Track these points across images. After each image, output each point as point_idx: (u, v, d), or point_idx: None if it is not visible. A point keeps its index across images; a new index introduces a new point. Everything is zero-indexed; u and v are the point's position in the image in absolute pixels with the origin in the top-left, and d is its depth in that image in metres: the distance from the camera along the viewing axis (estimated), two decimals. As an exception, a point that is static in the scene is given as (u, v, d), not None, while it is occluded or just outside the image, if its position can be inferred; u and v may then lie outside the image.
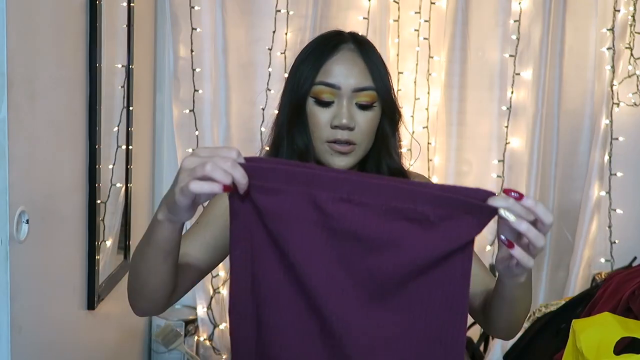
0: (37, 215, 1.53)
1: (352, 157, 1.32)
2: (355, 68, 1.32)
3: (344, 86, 1.30)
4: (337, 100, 1.31)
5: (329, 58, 1.32)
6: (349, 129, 1.30)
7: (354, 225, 0.98)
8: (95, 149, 1.96)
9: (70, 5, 1.81)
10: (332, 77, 1.31)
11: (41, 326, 1.62)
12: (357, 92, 1.31)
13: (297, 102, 1.32)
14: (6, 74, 1.33)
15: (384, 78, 1.36)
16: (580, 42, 3.14)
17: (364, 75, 1.32)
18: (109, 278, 2.17)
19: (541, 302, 3.16)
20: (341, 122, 1.29)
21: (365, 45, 1.36)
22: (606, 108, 3.12)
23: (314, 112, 1.31)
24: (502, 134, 3.12)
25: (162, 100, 2.97)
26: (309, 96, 1.32)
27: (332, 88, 1.30)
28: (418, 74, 3.05)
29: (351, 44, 1.35)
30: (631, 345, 1.74)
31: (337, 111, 1.30)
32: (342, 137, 1.30)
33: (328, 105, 1.31)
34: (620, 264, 3.11)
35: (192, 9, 2.86)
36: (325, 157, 1.32)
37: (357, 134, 1.31)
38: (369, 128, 1.33)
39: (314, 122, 1.31)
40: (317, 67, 1.32)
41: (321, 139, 1.31)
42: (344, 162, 1.32)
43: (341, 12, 2.99)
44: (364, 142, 1.33)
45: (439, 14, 3.05)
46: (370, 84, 1.32)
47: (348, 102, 1.31)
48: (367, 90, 1.32)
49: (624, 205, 3.20)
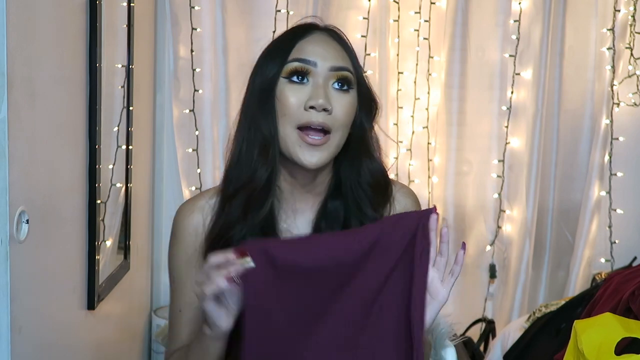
0: (37, 215, 1.52)
1: (325, 151, 1.20)
2: (330, 48, 1.23)
3: (320, 64, 1.20)
4: (312, 79, 1.20)
5: (302, 38, 1.23)
6: (325, 111, 1.18)
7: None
8: (95, 149, 1.95)
9: (70, 5, 1.81)
10: (307, 54, 1.21)
11: (41, 326, 1.62)
12: (334, 72, 1.21)
13: (266, 85, 1.21)
14: (6, 74, 1.33)
15: (358, 67, 1.27)
16: (580, 42, 3.14)
17: (341, 56, 1.23)
18: (109, 278, 2.17)
19: (541, 302, 3.17)
20: (317, 102, 1.17)
21: (339, 34, 1.29)
22: (606, 108, 3.12)
23: (285, 92, 1.19)
24: (502, 134, 3.12)
25: (162, 100, 2.97)
26: (280, 77, 1.21)
27: (307, 65, 1.19)
28: (418, 74, 3.05)
29: (324, 31, 1.28)
30: (631, 346, 1.74)
31: (312, 91, 1.19)
32: (316, 120, 1.17)
33: (301, 84, 1.19)
34: (620, 264, 3.11)
35: (192, 9, 2.86)
36: (295, 150, 1.19)
37: (333, 119, 1.19)
38: (346, 114, 1.21)
39: (285, 104, 1.19)
40: (290, 47, 1.22)
41: (292, 123, 1.19)
42: (315, 157, 1.19)
43: (341, 12, 2.99)
44: (339, 132, 1.21)
45: (439, 14, 3.05)
46: (347, 66, 1.23)
47: (324, 83, 1.20)
48: (344, 70, 1.21)
49: (624, 205, 3.20)
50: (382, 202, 1.31)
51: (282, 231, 1.27)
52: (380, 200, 1.30)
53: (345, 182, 1.28)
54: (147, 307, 2.91)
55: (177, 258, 1.30)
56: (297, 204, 1.28)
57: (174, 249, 1.30)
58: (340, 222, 1.28)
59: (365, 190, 1.27)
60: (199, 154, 2.94)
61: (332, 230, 1.26)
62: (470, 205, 3.19)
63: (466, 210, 3.19)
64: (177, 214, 1.30)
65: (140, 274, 2.77)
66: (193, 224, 1.28)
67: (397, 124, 3.05)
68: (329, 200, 1.28)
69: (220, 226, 1.24)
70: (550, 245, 3.25)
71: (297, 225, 1.29)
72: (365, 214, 1.27)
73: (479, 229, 3.20)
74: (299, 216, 1.29)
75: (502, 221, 3.16)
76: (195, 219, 1.28)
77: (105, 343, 2.28)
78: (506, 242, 3.18)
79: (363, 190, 1.27)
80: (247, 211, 1.23)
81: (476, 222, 3.19)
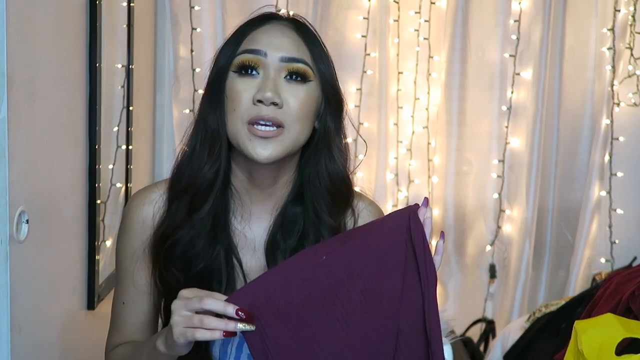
0: (37, 215, 1.52)
1: (279, 144, 1.11)
2: (284, 37, 1.15)
3: (270, 54, 1.12)
4: (262, 72, 1.13)
5: (254, 29, 1.16)
6: (274, 105, 1.10)
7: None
8: (95, 149, 1.95)
9: (70, 5, 1.81)
10: (257, 44, 1.13)
11: (41, 326, 1.62)
12: (286, 63, 1.13)
13: (216, 79, 1.16)
14: (6, 74, 1.33)
15: (324, 60, 1.18)
16: (581, 42, 3.14)
17: (296, 47, 1.15)
18: (109, 278, 2.17)
19: (541, 302, 3.16)
20: (264, 95, 1.10)
21: (302, 24, 1.20)
22: (606, 108, 3.12)
23: (234, 86, 1.13)
24: (502, 134, 3.12)
25: (162, 100, 2.97)
26: (229, 70, 1.15)
27: (256, 55, 1.12)
28: (418, 74, 3.05)
29: (284, 21, 1.19)
30: (632, 346, 1.74)
31: (261, 83, 1.11)
32: (266, 114, 1.10)
33: (251, 76, 1.13)
34: (620, 264, 3.11)
35: (192, 9, 2.86)
36: (245, 144, 1.12)
37: (284, 114, 1.11)
38: (300, 108, 1.12)
39: (234, 99, 1.12)
40: (241, 39, 1.15)
41: (242, 119, 1.12)
42: (267, 150, 1.11)
43: (341, 12, 2.99)
44: (294, 125, 1.12)
45: (439, 14, 3.05)
46: (303, 57, 1.14)
47: (275, 75, 1.12)
48: (297, 62, 1.13)
49: (624, 205, 3.20)
50: (340, 209, 1.22)
51: (235, 232, 1.21)
52: (339, 208, 1.22)
53: (305, 183, 1.21)
54: (147, 307, 2.91)
55: (124, 248, 1.25)
56: (254, 206, 1.22)
57: (121, 239, 1.26)
58: (299, 231, 1.20)
59: (323, 194, 1.20)
60: (199, 154, 2.93)
61: (287, 242, 1.20)
62: (470, 205, 3.19)
63: (466, 210, 3.19)
64: (128, 204, 1.26)
65: (140, 274, 2.77)
66: (142, 216, 1.23)
67: (397, 124, 3.05)
68: (289, 206, 1.21)
69: (165, 226, 1.20)
70: (550, 245, 3.24)
71: (251, 229, 1.22)
72: (323, 221, 1.19)
73: (479, 229, 3.19)
74: (255, 220, 1.22)
75: (502, 221, 3.16)
76: (145, 211, 1.22)
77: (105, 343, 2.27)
78: (506, 242, 3.18)
79: (321, 193, 1.20)
80: (191, 212, 1.18)
81: (476, 222, 3.19)
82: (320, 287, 1.06)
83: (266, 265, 1.21)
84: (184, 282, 1.17)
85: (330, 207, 1.21)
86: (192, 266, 1.18)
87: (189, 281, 1.17)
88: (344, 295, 1.07)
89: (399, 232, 1.09)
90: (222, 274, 1.18)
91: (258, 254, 1.22)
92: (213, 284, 1.18)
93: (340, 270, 1.07)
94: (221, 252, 1.18)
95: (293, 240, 1.20)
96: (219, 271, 1.18)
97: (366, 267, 1.08)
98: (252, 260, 1.22)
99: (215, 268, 1.18)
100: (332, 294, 1.07)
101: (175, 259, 1.19)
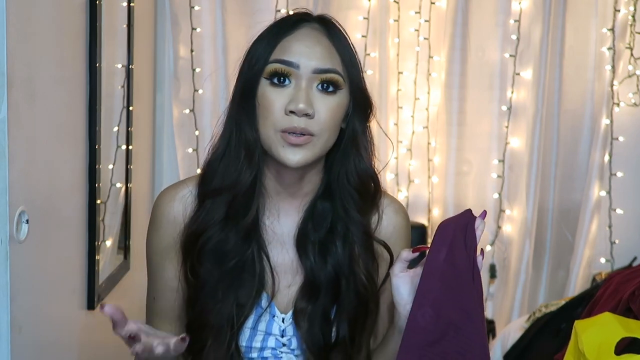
0: (37, 215, 1.52)
1: (309, 150, 1.15)
2: (317, 46, 1.16)
3: (303, 65, 1.14)
4: (294, 81, 1.14)
5: (287, 35, 1.17)
6: (306, 116, 1.13)
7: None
8: (95, 149, 1.95)
9: (70, 5, 1.81)
10: (290, 54, 1.15)
11: (41, 326, 1.62)
12: (318, 74, 1.14)
13: (248, 85, 1.17)
14: (6, 74, 1.33)
15: (354, 64, 1.20)
16: (580, 42, 3.14)
17: (329, 56, 1.16)
18: (108, 278, 2.17)
19: (541, 302, 3.16)
20: (297, 106, 1.12)
21: (333, 26, 1.21)
22: (606, 108, 3.12)
23: (266, 95, 1.15)
24: (502, 134, 3.12)
25: (162, 100, 2.97)
26: (261, 77, 1.16)
27: (289, 67, 1.14)
28: (418, 74, 3.05)
29: (315, 24, 1.20)
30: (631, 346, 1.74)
31: (293, 94, 1.13)
32: (298, 126, 1.13)
33: (283, 86, 1.14)
34: (620, 264, 3.11)
35: (192, 9, 2.86)
36: (277, 149, 1.15)
37: (315, 123, 1.14)
38: (331, 117, 1.15)
39: (266, 107, 1.15)
40: (273, 45, 1.16)
41: (274, 127, 1.14)
42: (297, 156, 1.14)
43: (341, 12, 2.99)
44: (324, 133, 1.15)
45: (439, 14, 3.05)
46: (336, 67, 1.16)
47: (307, 85, 1.14)
48: (330, 72, 1.15)
49: (624, 205, 3.20)
50: (368, 207, 1.27)
51: (264, 228, 1.25)
52: (368, 205, 1.27)
53: (334, 182, 1.25)
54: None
55: (154, 244, 1.29)
56: (282, 204, 1.26)
57: (151, 235, 1.30)
58: (328, 224, 1.25)
59: (351, 192, 1.24)
60: (199, 154, 2.93)
61: (316, 234, 1.24)
62: (470, 205, 3.19)
63: (466, 210, 3.19)
64: (158, 201, 1.28)
65: (140, 274, 2.76)
66: (173, 212, 1.26)
67: (397, 124, 3.05)
68: (318, 201, 1.26)
69: (199, 222, 1.23)
70: (550, 245, 3.24)
71: (280, 224, 1.27)
72: (352, 218, 1.24)
73: (479, 229, 3.19)
74: (283, 215, 1.27)
75: (502, 221, 3.16)
76: (175, 208, 1.26)
77: (105, 343, 2.27)
78: (506, 242, 3.18)
79: (349, 191, 1.24)
80: (230, 213, 1.21)
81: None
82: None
83: (296, 257, 1.26)
84: (217, 276, 1.21)
85: (359, 205, 1.25)
86: (226, 261, 1.22)
87: (222, 275, 1.21)
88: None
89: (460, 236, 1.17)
90: (254, 268, 1.22)
91: (287, 247, 1.27)
92: (245, 278, 1.22)
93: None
94: (254, 249, 1.23)
95: (322, 233, 1.25)
96: (251, 266, 1.23)
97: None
98: (281, 254, 1.26)
99: (248, 263, 1.22)
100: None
101: (208, 254, 1.22)
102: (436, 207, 3.16)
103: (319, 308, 1.23)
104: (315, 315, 1.23)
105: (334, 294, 1.24)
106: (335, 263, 1.24)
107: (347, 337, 1.23)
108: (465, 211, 1.20)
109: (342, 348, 1.24)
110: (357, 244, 1.24)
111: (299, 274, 1.26)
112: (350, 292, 1.23)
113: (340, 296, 1.24)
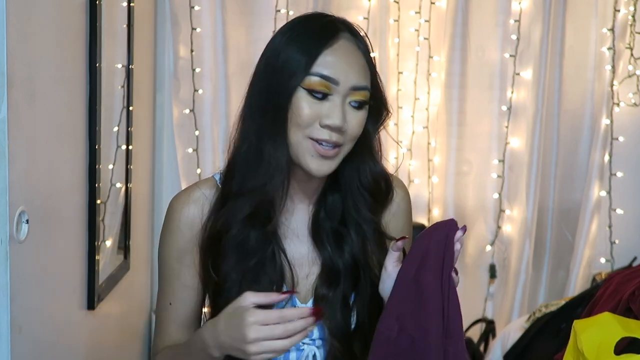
0: (37, 215, 1.53)
1: (334, 161, 1.21)
2: (356, 64, 1.20)
3: (342, 82, 1.17)
4: (332, 96, 1.18)
5: (327, 47, 1.19)
6: (339, 131, 1.18)
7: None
8: (95, 149, 1.96)
9: (70, 5, 1.81)
10: (332, 70, 1.17)
11: (41, 326, 1.62)
12: (353, 91, 1.19)
13: (284, 93, 1.18)
14: (6, 74, 1.33)
15: (376, 73, 1.26)
16: (580, 42, 3.14)
17: (364, 73, 1.21)
18: (109, 278, 2.17)
19: (541, 302, 3.17)
20: (334, 122, 1.16)
21: (362, 39, 1.25)
22: (606, 108, 3.12)
23: (302, 105, 1.17)
24: (502, 134, 3.12)
25: (162, 100, 2.97)
26: (299, 86, 1.17)
27: (330, 82, 1.17)
28: (418, 74, 3.05)
29: (347, 34, 1.23)
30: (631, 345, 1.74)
31: (330, 109, 1.17)
32: (330, 139, 1.17)
33: (322, 100, 1.17)
34: (620, 264, 3.11)
35: (192, 9, 2.86)
36: (305, 158, 1.19)
37: (344, 136, 1.19)
38: (358, 129, 1.21)
39: (300, 114, 1.17)
40: (314, 56, 1.18)
41: (305, 135, 1.18)
42: (325, 166, 1.20)
43: (341, 12, 2.97)
44: (349, 144, 1.21)
45: (439, 14, 3.05)
46: (367, 84, 1.21)
47: (342, 101, 1.18)
48: (364, 90, 1.20)
49: (624, 205, 3.20)
50: (380, 207, 1.32)
51: (281, 224, 1.28)
52: (379, 206, 1.32)
53: (345, 181, 1.28)
54: (147, 307, 2.91)
55: (169, 248, 1.29)
56: (295, 196, 1.29)
57: (166, 239, 1.29)
58: (339, 215, 1.29)
59: (364, 194, 1.28)
60: (199, 154, 2.94)
61: (330, 223, 1.29)
62: (470, 205, 3.19)
63: (466, 210, 3.19)
64: (172, 205, 1.29)
65: (140, 274, 2.77)
66: (189, 215, 1.27)
67: (397, 124, 3.05)
68: (328, 193, 1.30)
69: (222, 222, 1.24)
70: (550, 245, 3.24)
71: (294, 219, 1.30)
72: (362, 215, 1.28)
73: (479, 229, 3.20)
74: (296, 210, 1.30)
75: (502, 221, 3.16)
76: (191, 211, 1.27)
77: (105, 343, 2.28)
78: (506, 242, 3.18)
79: (361, 193, 1.28)
80: (253, 214, 1.23)
81: (476, 222, 3.19)
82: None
83: (311, 249, 1.30)
84: (240, 272, 1.23)
85: (371, 205, 1.29)
86: (247, 259, 1.24)
87: (244, 272, 1.23)
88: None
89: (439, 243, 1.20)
90: (274, 264, 1.25)
91: (302, 240, 1.30)
92: (267, 274, 1.24)
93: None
94: (274, 246, 1.26)
95: (335, 222, 1.29)
96: (271, 262, 1.25)
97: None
98: (296, 247, 1.30)
99: (269, 260, 1.25)
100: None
101: (231, 251, 1.24)
102: (436, 207, 3.16)
103: (339, 294, 1.26)
104: (336, 300, 1.26)
105: (353, 281, 1.28)
106: (351, 250, 1.28)
107: (366, 323, 1.27)
108: (448, 220, 1.23)
109: (362, 335, 1.27)
110: (370, 240, 1.29)
111: (315, 265, 1.29)
112: (367, 281, 1.28)
113: (359, 283, 1.28)
